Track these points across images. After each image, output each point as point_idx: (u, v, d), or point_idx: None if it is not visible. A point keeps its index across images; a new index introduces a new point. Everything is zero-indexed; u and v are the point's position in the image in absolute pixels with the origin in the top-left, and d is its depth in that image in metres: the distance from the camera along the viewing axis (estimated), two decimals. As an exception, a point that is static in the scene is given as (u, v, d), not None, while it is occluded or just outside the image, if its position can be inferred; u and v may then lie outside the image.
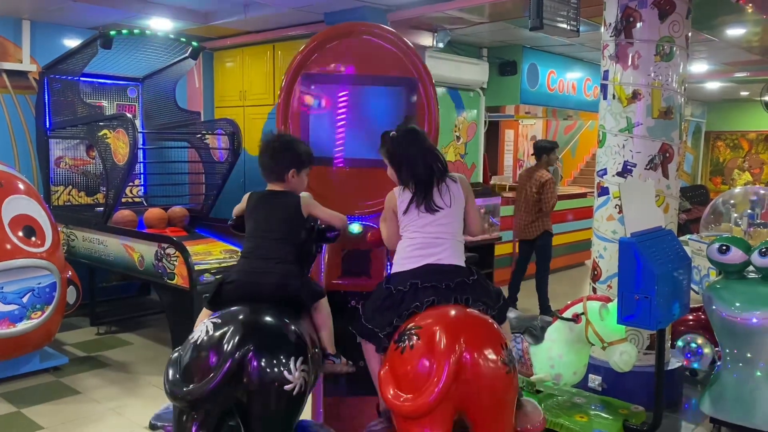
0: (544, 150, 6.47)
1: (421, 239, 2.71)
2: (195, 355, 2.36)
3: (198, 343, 2.37)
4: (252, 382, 2.32)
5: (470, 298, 2.61)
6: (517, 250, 7.00)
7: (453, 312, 2.51)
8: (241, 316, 2.46)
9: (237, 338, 2.33)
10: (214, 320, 2.44)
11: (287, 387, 2.36)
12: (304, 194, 2.89)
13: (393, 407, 2.36)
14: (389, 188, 2.88)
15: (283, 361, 2.38)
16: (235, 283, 2.69)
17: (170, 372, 2.34)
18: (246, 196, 2.91)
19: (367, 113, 3.21)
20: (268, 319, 2.50)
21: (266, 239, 2.77)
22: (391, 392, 2.34)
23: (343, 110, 3.22)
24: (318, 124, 3.22)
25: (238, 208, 2.95)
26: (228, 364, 2.26)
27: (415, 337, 2.39)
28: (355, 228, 3.16)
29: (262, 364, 2.33)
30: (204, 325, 2.43)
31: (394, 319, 2.58)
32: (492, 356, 2.37)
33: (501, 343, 2.45)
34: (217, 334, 2.36)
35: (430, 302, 2.55)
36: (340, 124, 3.23)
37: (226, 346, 2.30)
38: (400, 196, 2.80)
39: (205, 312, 2.78)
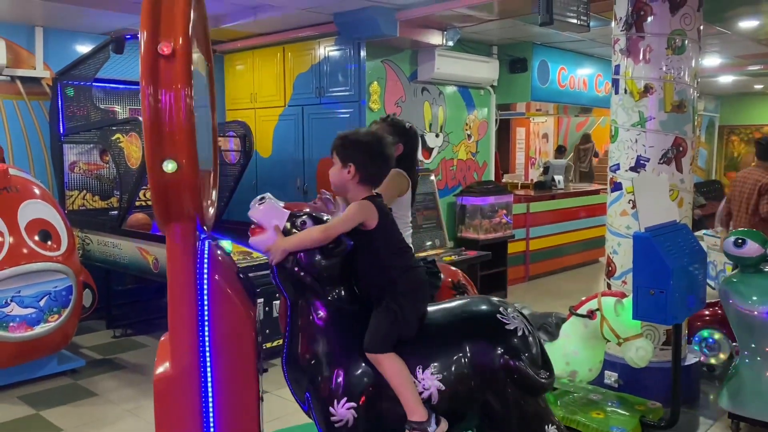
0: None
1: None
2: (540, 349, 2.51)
3: (534, 337, 2.49)
4: None
5: None
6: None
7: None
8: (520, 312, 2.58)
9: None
10: (525, 320, 2.49)
11: None
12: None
13: None
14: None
15: None
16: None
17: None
18: (373, 206, 2.39)
19: (199, 100, 2.34)
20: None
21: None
22: None
23: (200, 97, 2.38)
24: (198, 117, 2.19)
25: (351, 220, 2.35)
26: None
27: (468, 287, 3.24)
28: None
29: None
30: (519, 320, 2.44)
31: None
32: None
33: None
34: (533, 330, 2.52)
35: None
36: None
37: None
38: (408, 186, 3.10)
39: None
